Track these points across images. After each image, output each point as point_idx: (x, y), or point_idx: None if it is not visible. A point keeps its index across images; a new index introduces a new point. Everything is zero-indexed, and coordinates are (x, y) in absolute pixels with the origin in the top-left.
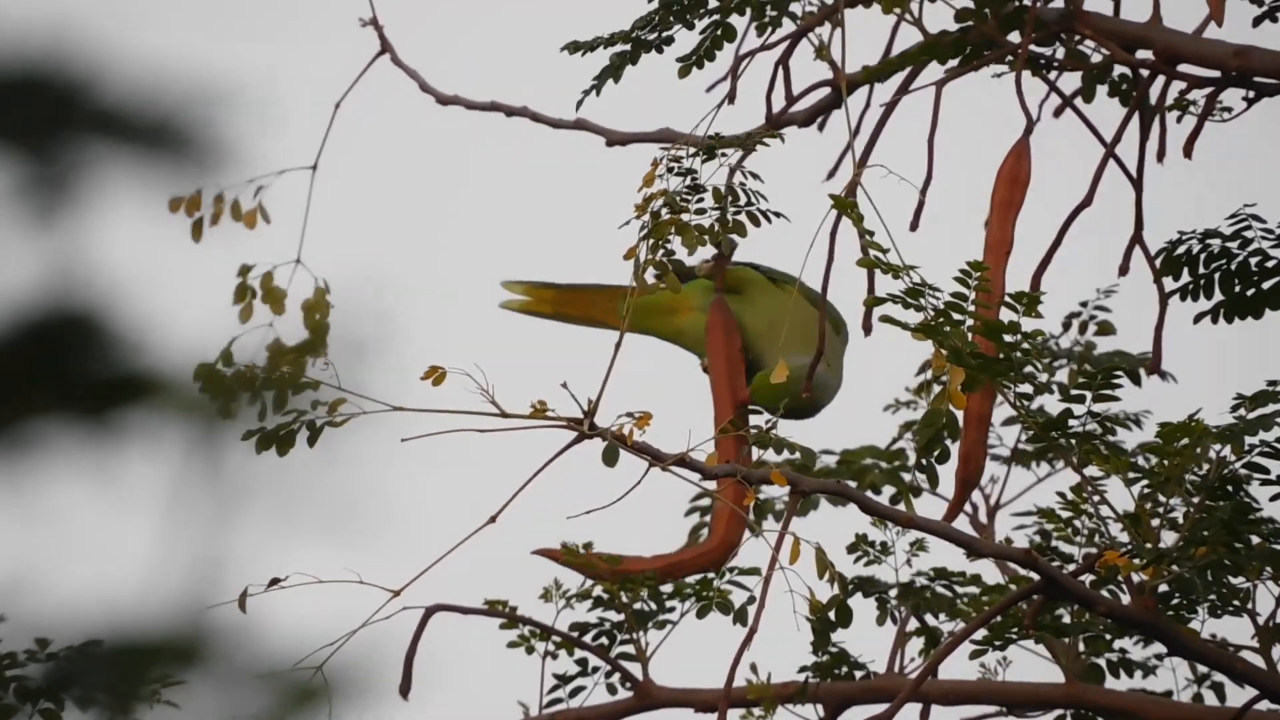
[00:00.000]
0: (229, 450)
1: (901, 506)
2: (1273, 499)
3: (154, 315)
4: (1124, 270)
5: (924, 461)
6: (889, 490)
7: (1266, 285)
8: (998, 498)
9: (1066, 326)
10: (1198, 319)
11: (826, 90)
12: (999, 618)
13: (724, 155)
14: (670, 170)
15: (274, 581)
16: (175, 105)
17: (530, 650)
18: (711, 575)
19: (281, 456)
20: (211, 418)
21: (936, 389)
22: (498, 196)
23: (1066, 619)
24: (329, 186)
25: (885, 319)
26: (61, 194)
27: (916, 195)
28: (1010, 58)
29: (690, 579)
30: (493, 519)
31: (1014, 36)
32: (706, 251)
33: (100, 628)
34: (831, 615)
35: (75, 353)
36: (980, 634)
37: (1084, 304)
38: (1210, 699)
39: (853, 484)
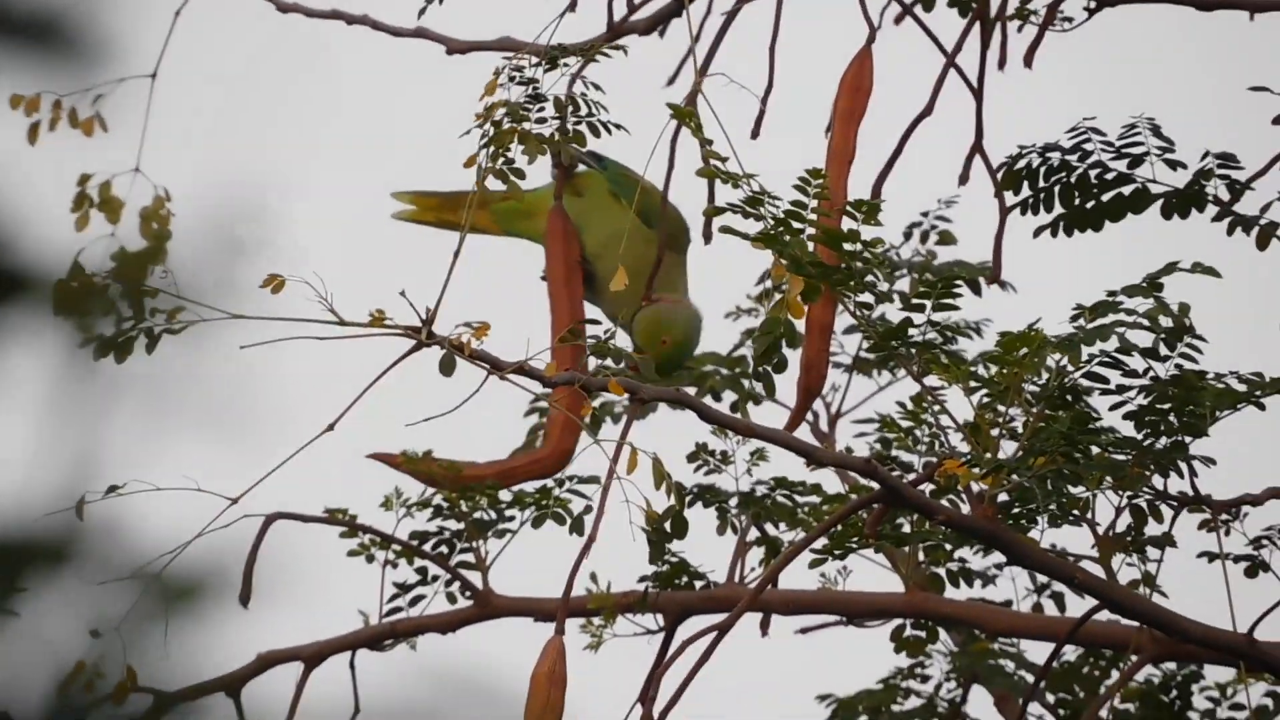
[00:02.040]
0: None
1: (741, 414)
2: (1111, 409)
3: (22, 213)
4: (964, 179)
5: (761, 369)
6: (730, 397)
7: (1106, 198)
8: (839, 406)
9: (908, 236)
10: (1038, 233)
11: None
12: (839, 527)
13: (565, 65)
14: (511, 80)
15: (112, 489)
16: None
17: (370, 559)
18: (550, 484)
19: (119, 363)
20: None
21: (777, 297)
22: (338, 106)
23: (907, 528)
24: (169, 95)
25: (725, 229)
26: None
27: (758, 104)
28: None
29: (530, 488)
30: (330, 426)
31: None
32: (547, 161)
33: None
34: (667, 526)
35: None
36: (820, 543)
37: (925, 214)
38: (1050, 608)
39: (693, 390)
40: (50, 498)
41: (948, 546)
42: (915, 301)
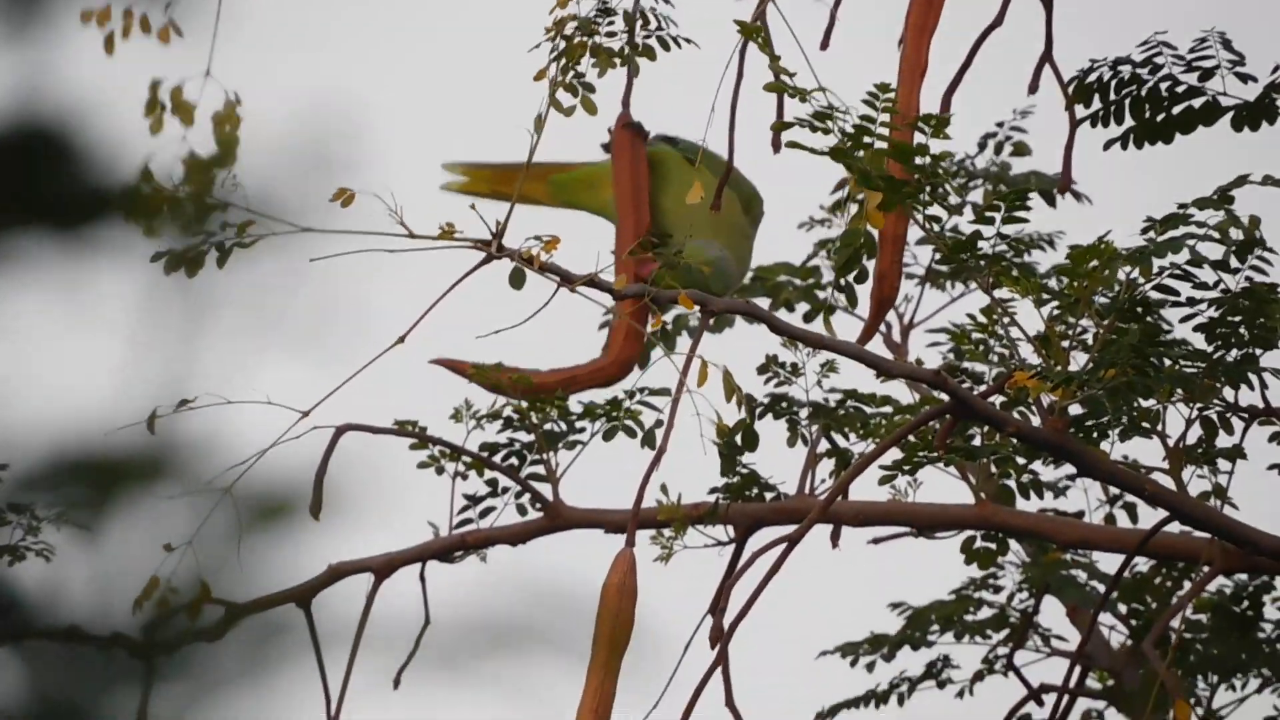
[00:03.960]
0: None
1: (818, 324)
2: (1182, 321)
3: (117, 130)
4: (1033, 88)
5: (842, 281)
6: (802, 309)
7: (1176, 111)
8: (911, 317)
9: (982, 147)
10: (1108, 145)
11: None
12: (909, 439)
13: None
14: None
15: (183, 403)
16: None
17: (440, 471)
18: (620, 396)
19: (190, 278)
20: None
21: (853, 208)
22: (408, 20)
23: (977, 441)
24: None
25: (793, 144)
26: (33, 6)
27: (828, 14)
28: None
29: (600, 400)
30: (401, 339)
31: None
32: (618, 74)
33: (68, 443)
34: (738, 439)
35: (48, 167)
36: (891, 457)
37: (1000, 125)
38: (1122, 520)
39: (765, 303)
40: (140, 417)
41: (1020, 460)
42: (986, 214)
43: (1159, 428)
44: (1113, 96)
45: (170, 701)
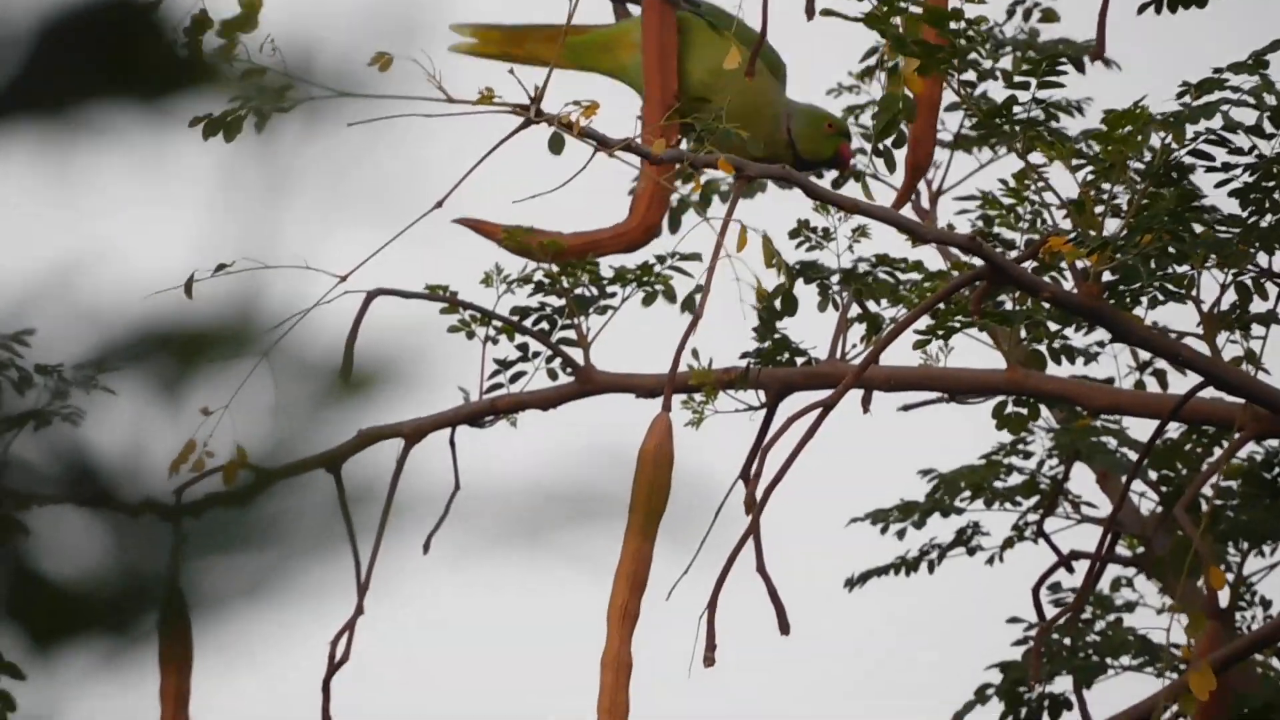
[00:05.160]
0: (280, 136)
1: (849, 189)
2: (1217, 186)
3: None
4: None
5: (880, 146)
6: (831, 175)
7: None
8: (940, 183)
9: (1010, 14)
10: (1142, 9)
11: None
12: (943, 304)
13: None
14: None
15: (220, 268)
16: None
17: (471, 335)
18: (652, 260)
19: (229, 142)
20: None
21: (885, 76)
22: None
23: (1010, 307)
24: None
25: (828, 12)
26: None
27: None
28: None
29: (631, 264)
30: (439, 204)
31: None
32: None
33: (152, 314)
34: (777, 304)
35: (130, 36)
36: (924, 323)
37: None
38: (1153, 386)
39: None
40: (220, 286)
41: (1052, 326)
42: (1019, 79)
43: (1193, 293)
44: None
45: (205, 568)
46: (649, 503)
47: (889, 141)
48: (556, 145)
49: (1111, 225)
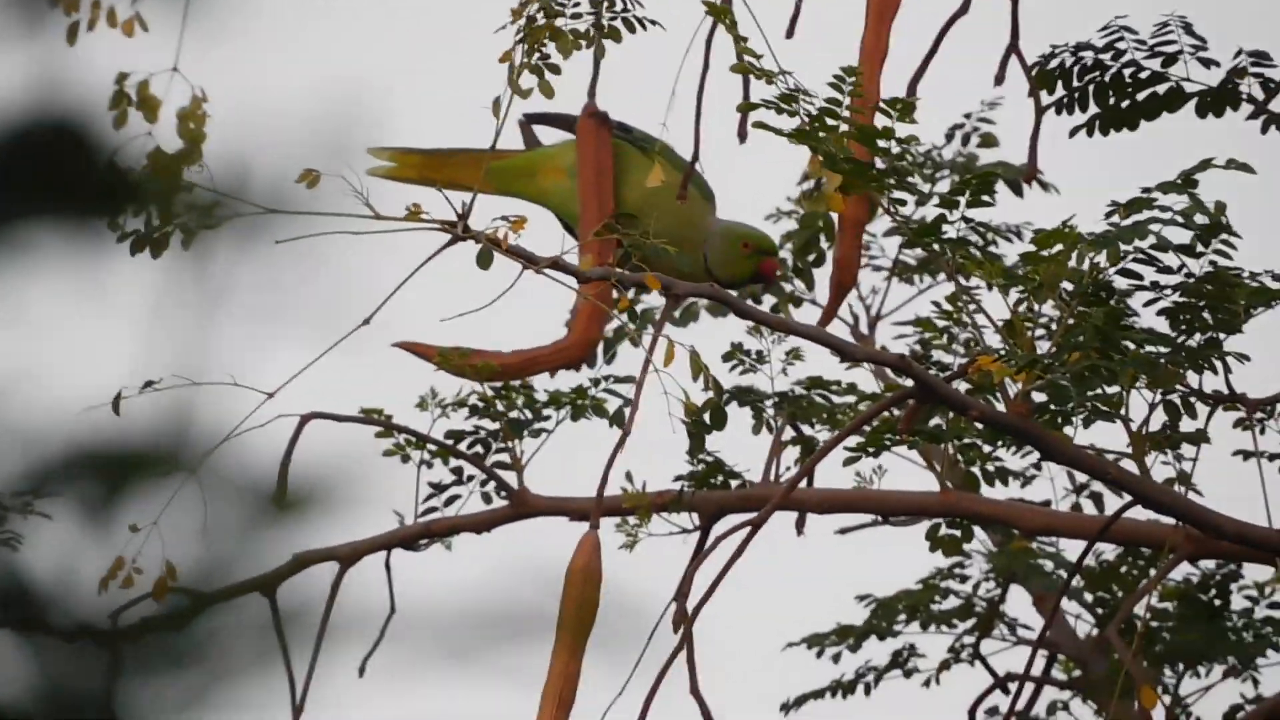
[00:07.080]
0: (213, 254)
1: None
2: (1146, 305)
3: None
4: (999, 80)
5: (800, 264)
6: (769, 300)
7: (1140, 97)
8: (878, 309)
9: (950, 138)
10: (1073, 132)
11: None
12: (874, 422)
13: None
14: None
15: (148, 384)
16: None
17: (406, 459)
18: (586, 384)
19: (155, 259)
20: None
21: (815, 194)
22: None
23: (941, 426)
24: None
25: (759, 124)
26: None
27: (793, 2)
28: None
29: (565, 388)
30: (366, 321)
31: None
32: (584, 56)
33: (84, 434)
34: (706, 418)
35: (62, 158)
36: (855, 440)
37: (967, 116)
38: (1089, 509)
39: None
40: (153, 405)
41: (983, 446)
42: (949, 198)
43: (1123, 413)
44: (1076, 83)
45: (139, 690)
46: (577, 620)
47: (810, 260)
48: (485, 260)
49: (1043, 346)
